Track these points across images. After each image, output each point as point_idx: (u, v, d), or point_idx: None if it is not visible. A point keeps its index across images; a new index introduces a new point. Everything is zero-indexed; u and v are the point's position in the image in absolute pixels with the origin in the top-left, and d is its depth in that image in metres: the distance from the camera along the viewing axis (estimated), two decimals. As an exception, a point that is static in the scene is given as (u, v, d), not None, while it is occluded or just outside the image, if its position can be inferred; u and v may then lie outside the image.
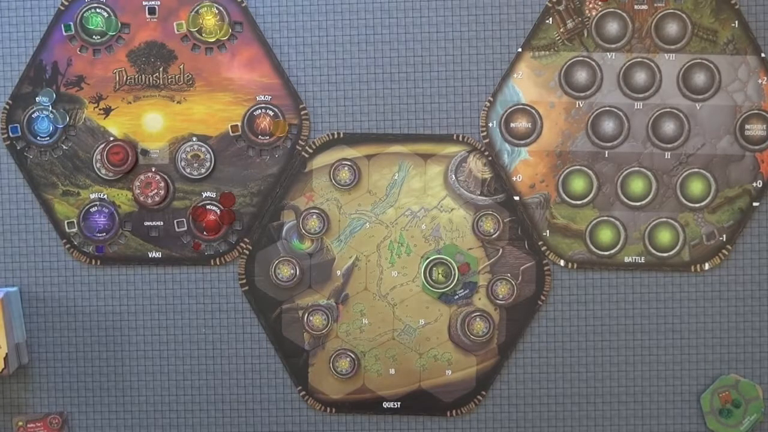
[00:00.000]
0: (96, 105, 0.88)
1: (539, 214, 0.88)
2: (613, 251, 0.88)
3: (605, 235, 0.88)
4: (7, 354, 0.85)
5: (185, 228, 0.89)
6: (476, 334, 0.88)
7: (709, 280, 0.88)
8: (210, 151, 0.88)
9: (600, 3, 0.87)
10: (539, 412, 0.89)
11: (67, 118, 0.88)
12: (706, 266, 0.88)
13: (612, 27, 0.87)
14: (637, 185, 0.88)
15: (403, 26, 0.87)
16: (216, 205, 0.89)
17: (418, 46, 0.87)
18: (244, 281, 0.89)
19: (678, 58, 0.87)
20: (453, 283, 0.88)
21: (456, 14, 0.87)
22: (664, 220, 0.88)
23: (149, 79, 0.88)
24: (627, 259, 0.88)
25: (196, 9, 0.87)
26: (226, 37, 0.88)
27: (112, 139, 0.88)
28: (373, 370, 0.89)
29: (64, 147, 0.89)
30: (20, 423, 0.90)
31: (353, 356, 0.88)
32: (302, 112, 0.88)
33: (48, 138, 0.88)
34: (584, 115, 0.87)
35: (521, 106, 0.88)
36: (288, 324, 0.89)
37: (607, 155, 0.88)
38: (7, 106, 0.88)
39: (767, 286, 0.88)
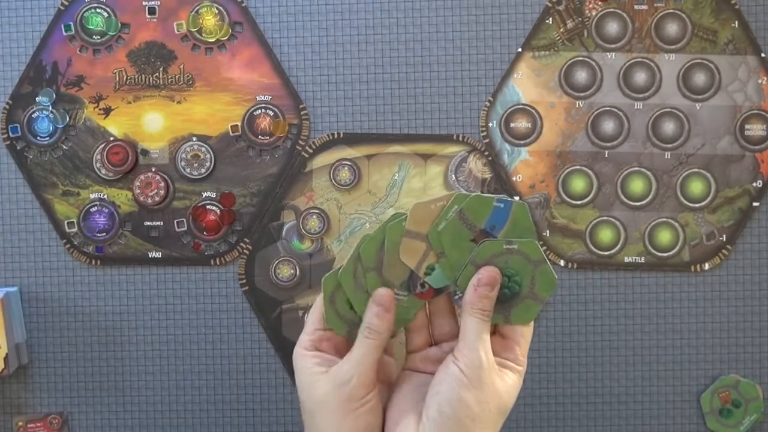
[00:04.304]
0: (96, 105, 0.88)
1: (539, 214, 0.88)
2: (613, 251, 0.88)
3: (605, 235, 0.88)
4: (7, 354, 0.85)
5: (185, 228, 0.89)
6: (476, 334, 0.88)
7: (709, 280, 0.88)
8: (210, 151, 0.88)
9: (600, 3, 0.87)
10: (539, 412, 0.89)
11: (67, 118, 0.88)
12: (706, 266, 0.88)
13: (612, 27, 0.87)
14: (637, 185, 0.88)
15: (403, 26, 0.87)
16: (216, 205, 0.89)
17: (418, 46, 0.87)
18: (244, 281, 0.89)
19: (678, 58, 0.87)
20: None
21: (456, 14, 0.87)
22: (664, 220, 0.88)
23: (149, 79, 0.88)
24: (627, 259, 0.88)
25: (196, 9, 0.87)
26: (226, 37, 0.88)
27: (112, 139, 0.88)
28: (373, 370, 0.89)
29: (64, 147, 0.89)
30: (20, 423, 0.90)
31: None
32: (302, 112, 0.88)
33: (48, 138, 0.88)
34: (584, 115, 0.87)
35: (521, 106, 0.88)
36: (288, 324, 0.89)
37: (607, 155, 0.88)
38: (7, 106, 0.88)
39: (767, 286, 0.88)
